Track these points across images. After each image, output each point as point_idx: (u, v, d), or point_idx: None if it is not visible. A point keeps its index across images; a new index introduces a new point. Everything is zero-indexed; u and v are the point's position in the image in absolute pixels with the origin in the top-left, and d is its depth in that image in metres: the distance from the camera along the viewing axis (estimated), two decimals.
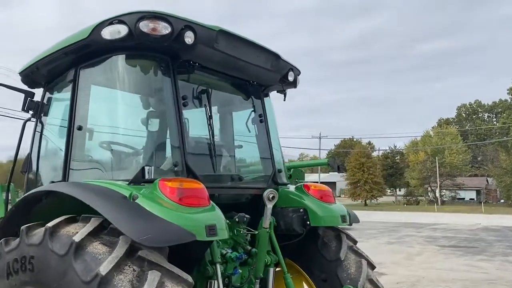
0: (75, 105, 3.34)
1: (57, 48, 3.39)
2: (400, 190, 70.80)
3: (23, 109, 3.91)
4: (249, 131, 4.02)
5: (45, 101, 3.82)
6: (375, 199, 59.21)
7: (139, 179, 2.77)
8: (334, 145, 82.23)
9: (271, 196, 3.12)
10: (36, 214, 3.08)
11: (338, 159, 8.65)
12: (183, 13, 3.87)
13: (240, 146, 4.09)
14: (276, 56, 3.88)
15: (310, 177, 42.29)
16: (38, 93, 4.03)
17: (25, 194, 3.33)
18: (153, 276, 2.35)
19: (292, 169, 6.10)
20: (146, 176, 2.82)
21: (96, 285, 2.26)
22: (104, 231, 2.55)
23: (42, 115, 3.81)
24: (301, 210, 3.80)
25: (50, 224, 2.58)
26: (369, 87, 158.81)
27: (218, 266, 3.11)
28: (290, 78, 4.07)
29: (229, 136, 4.06)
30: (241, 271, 3.43)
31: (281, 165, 4.23)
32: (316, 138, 60.62)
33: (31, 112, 3.84)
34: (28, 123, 3.93)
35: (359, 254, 4.02)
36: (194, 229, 2.49)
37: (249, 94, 4.05)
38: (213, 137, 3.52)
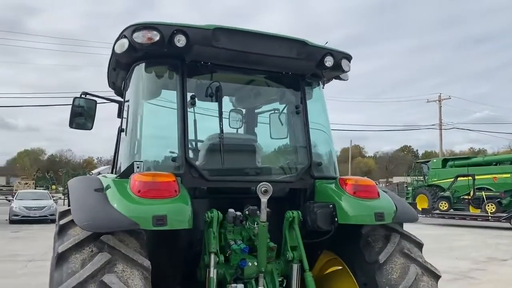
0: (122, 110, 3.93)
1: (109, 61, 4.04)
2: None
3: (118, 116, 4.76)
4: (281, 124, 3.91)
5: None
6: None
7: (128, 173, 3.12)
8: None
9: (263, 190, 3.01)
10: None
11: None
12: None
13: (266, 140, 4.01)
14: (302, 43, 3.69)
15: None
16: None
17: None
18: (100, 257, 2.63)
19: None
20: (135, 171, 3.15)
21: (55, 260, 2.69)
22: None
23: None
24: (331, 206, 3.50)
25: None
26: None
27: (212, 256, 3.19)
28: (328, 63, 3.77)
29: (251, 130, 4.03)
30: (251, 264, 3.38)
31: (325, 158, 3.96)
32: None
33: None
34: None
35: (411, 259, 3.42)
36: (138, 218, 2.68)
37: (281, 86, 3.94)
38: (222, 132, 3.59)
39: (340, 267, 3.79)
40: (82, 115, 4.37)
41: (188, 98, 3.49)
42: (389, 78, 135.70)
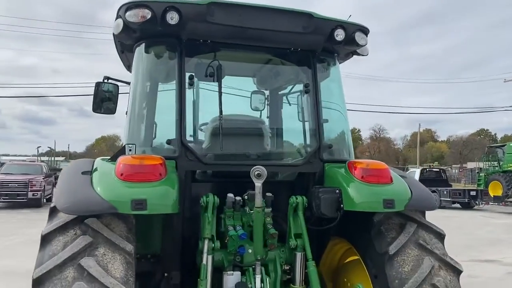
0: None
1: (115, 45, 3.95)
2: None
3: None
4: (290, 104, 3.66)
5: None
6: None
7: (119, 156, 3.05)
8: None
9: (256, 173, 2.83)
10: None
11: None
12: None
13: (274, 122, 3.77)
14: (308, 16, 3.40)
15: None
16: None
17: None
18: (81, 240, 2.60)
19: None
20: (127, 153, 3.09)
21: (40, 241, 2.70)
22: None
23: None
24: (337, 191, 3.23)
25: None
26: None
27: (206, 241, 3.08)
28: (339, 37, 3.46)
29: (259, 112, 3.80)
30: (251, 251, 3.23)
31: (337, 140, 3.67)
32: None
33: None
34: None
35: (427, 251, 3.08)
36: (116, 202, 2.61)
37: (289, 63, 3.68)
38: (221, 114, 3.41)
39: (356, 257, 3.54)
40: (105, 99, 4.41)
41: (187, 79, 3.36)
42: (464, 57, 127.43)
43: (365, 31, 3.60)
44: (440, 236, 3.26)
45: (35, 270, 2.49)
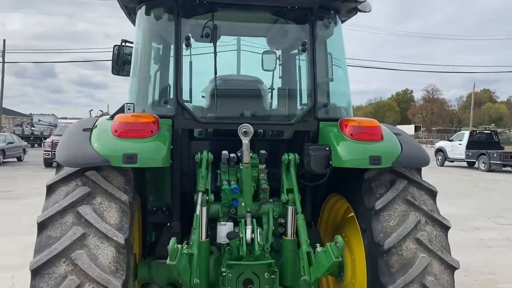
0: None
1: None
2: None
3: None
4: (287, 63, 3.69)
5: None
6: None
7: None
8: None
9: (243, 131, 2.94)
10: None
11: None
12: None
13: (271, 81, 3.81)
14: None
15: None
16: None
17: None
18: (80, 190, 2.87)
19: None
20: (126, 112, 3.30)
21: (46, 191, 3.00)
22: None
23: None
24: (327, 148, 3.30)
25: None
26: None
27: (200, 194, 3.27)
28: None
29: (256, 71, 3.85)
30: (244, 204, 3.40)
31: (334, 99, 3.69)
32: None
33: None
34: None
35: (414, 206, 3.12)
36: (109, 156, 2.82)
37: (287, 22, 3.68)
38: (216, 74, 3.52)
39: (353, 214, 3.64)
40: (124, 62, 4.63)
41: (184, 40, 3.48)
42: None
43: None
44: (432, 193, 3.27)
45: (39, 215, 2.80)
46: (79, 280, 2.61)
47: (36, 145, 42.15)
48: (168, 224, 3.65)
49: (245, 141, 2.99)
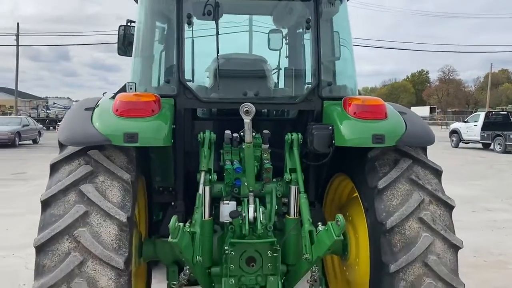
0: None
1: None
2: None
3: None
4: (292, 41, 3.63)
5: None
6: None
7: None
8: None
9: (244, 110, 2.91)
10: None
11: None
12: None
13: (275, 60, 3.76)
14: None
15: None
16: None
17: None
18: (82, 169, 2.88)
19: None
20: (127, 91, 3.29)
21: (50, 170, 3.03)
22: None
23: None
24: (330, 127, 3.27)
25: None
26: None
27: (202, 174, 3.27)
28: None
29: (261, 50, 3.79)
30: (247, 184, 3.40)
31: (339, 77, 3.63)
32: None
33: None
34: None
35: (418, 185, 3.09)
36: (110, 135, 2.82)
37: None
38: (218, 52, 3.48)
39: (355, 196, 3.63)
40: (130, 42, 4.61)
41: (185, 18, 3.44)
42: None
43: None
44: (437, 173, 3.23)
45: (43, 193, 2.84)
46: (82, 257, 2.66)
47: (51, 127, 42.72)
48: (173, 203, 3.67)
49: (247, 120, 2.97)
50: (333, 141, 3.22)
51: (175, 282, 3.41)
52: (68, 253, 2.66)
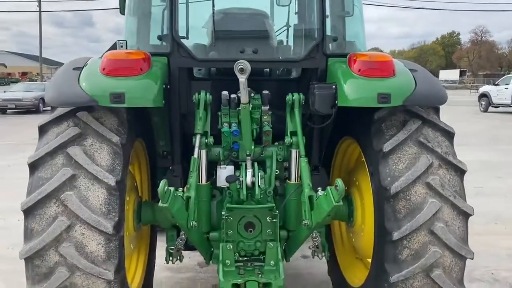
0: None
1: None
2: None
3: None
4: None
5: None
6: None
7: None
8: None
9: (239, 68, 2.69)
10: None
11: None
12: None
13: (273, 14, 3.49)
14: None
15: None
16: None
17: None
18: (70, 131, 2.76)
19: None
20: (118, 49, 3.12)
21: (38, 132, 2.92)
22: None
23: None
24: (333, 86, 3.03)
25: None
26: None
27: (198, 136, 3.12)
28: None
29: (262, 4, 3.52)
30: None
31: (346, 32, 3.37)
32: None
33: None
34: None
35: (426, 148, 2.86)
36: (96, 95, 2.67)
37: None
38: (214, 7, 3.24)
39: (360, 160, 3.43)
40: None
41: None
42: None
43: None
44: (449, 135, 2.98)
45: (30, 156, 2.75)
46: (69, 221, 2.58)
47: None
48: (170, 167, 3.56)
49: (242, 79, 2.76)
50: (336, 102, 3.00)
51: (172, 247, 3.33)
52: (55, 217, 2.59)
